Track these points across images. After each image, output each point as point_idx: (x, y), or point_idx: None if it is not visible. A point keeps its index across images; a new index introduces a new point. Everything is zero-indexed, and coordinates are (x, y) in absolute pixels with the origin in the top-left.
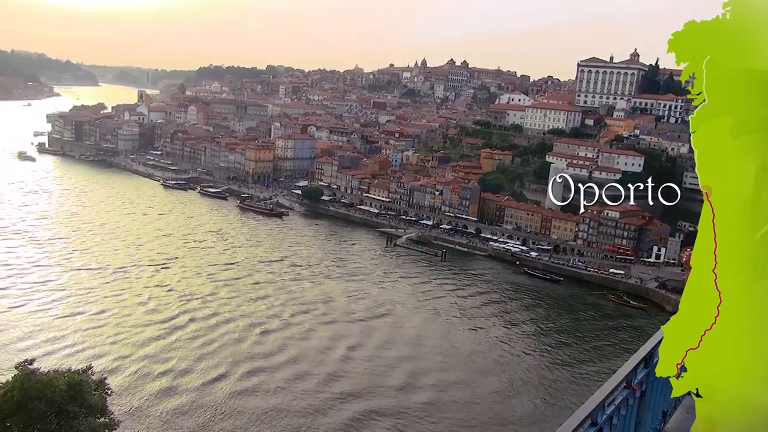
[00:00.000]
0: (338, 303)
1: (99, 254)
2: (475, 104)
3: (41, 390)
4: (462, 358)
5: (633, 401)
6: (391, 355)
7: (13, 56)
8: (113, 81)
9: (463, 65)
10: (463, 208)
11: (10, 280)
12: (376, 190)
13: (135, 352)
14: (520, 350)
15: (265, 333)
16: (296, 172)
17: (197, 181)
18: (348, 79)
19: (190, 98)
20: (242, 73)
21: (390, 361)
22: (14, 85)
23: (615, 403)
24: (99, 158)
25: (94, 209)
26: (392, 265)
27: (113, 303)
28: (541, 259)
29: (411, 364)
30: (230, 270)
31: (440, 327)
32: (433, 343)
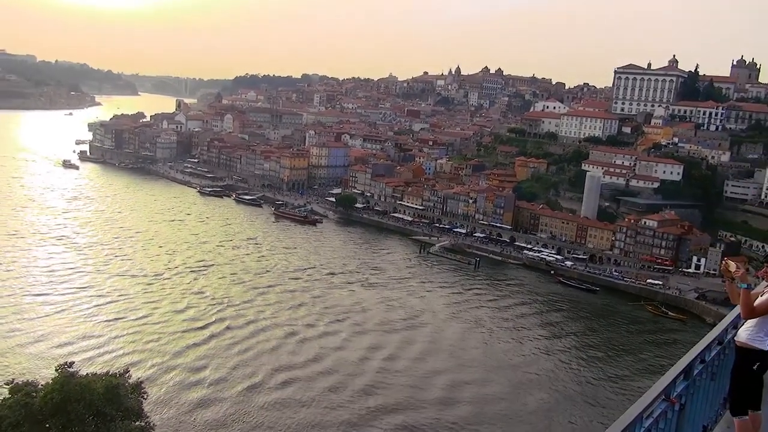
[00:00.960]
0: (372, 311)
1: (137, 260)
2: (509, 112)
3: (80, 392)
4: (496, 369)
5: (672, 414)
6: (426, 366)
7: (56, 67)
8: (152, 90)
9: (498, 72)
10: (497, 216)
11: (52, 285)
12: (410, 198)
13: (171, 357)
14: (555, 361)
15: (299, 341)
16: (330, 179)
17: (233, 188)
18: (382, 87)
19: (227, 107)
20: (278, 81)
21: (424, 372)
22: (58, 94)
23: (653, 416)
24: (138, 166)
25: (133, 216)
26: (425, 274)
27: (150, 309)
28: (576, 269)
29: (445, 375)
30: (265, 277)
31: (474, 337)
32: (466, 354)
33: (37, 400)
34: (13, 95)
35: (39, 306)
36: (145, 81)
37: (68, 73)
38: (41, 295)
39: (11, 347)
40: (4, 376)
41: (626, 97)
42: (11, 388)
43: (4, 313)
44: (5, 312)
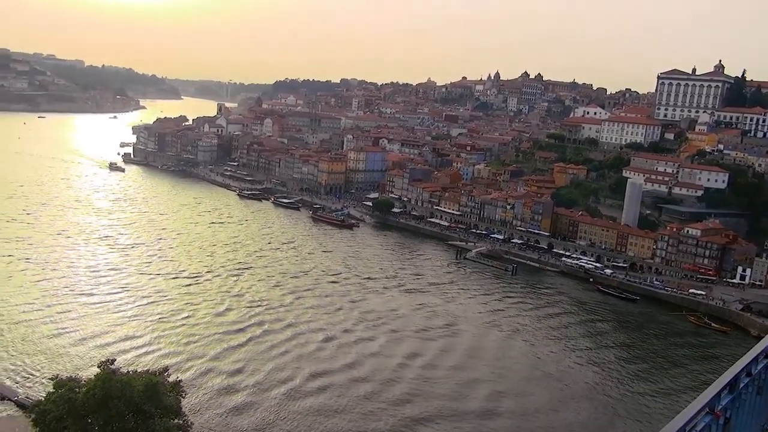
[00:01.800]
0: (408, 317)
1: (178, 262)
2: (549, 117)
3: (121, 389)
4: (535, 379)
5: (716, 429)
6: (463, 375)
7: (103, 71)
8: (194, 94)
9: (537, 78)
10: (535, 222)
11: (95, 285)
12: (447, 203)
13: (209, 359)
14: (594, 372)
15: (336, 346)
16: (367, 183)
17: (271, 191)
18: (420, 92)
19: (267, 111)
20: (317, 86)
21: (461, 380)
22: (104, 98)
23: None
24: (179, 168)
25: (174, 217)
26: (462, 280)
27: (190, 310)
28: (616, 277)
29: (484, 385)
30: (302, 280)
31: (511, 345)
32: (504, 363)
33: (79, 396)
34: (62, 99)
35: (82, 305)
36: (188, 85)
37: (114, 78)
38: (85, 294)
39: (56, 344)
40: (49, 371)
41: (669, 103)
42: (55, 384)
43: (49, 311)
44: (50, 310)
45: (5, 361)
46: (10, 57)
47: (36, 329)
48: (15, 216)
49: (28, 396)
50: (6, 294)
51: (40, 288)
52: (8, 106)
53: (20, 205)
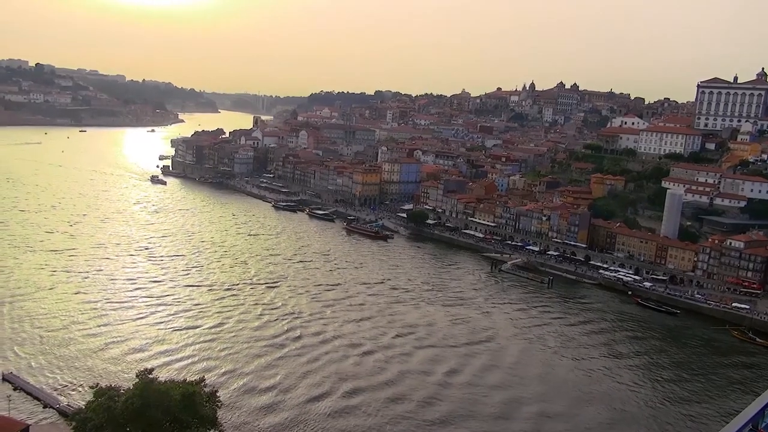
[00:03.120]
0: (440, 327)
1: (213, 272)
2: (585, 128)
3: (158, 399)
4: (570, 393)
5: None
6: (504, 394)
7: (144, 86)
8: (231, 107)
9: (573, 88)
10: (572, 234)
11: (133, 295)
12: (482, 215)
13: (243, 366)
14: (632, 386)
15: (370, 359)
16: (402, 195)
17: (306, 203)
18: (455, 103)
19: (302, 123)
20: (351, 98)
21: (490, 390)
22: (144, 112)
23: None
24: (216, 180)
25: (210, 229)
26: (496, 291)
27: (225, 319)
28: (655, 290)
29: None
30: (335, 290)
31: (545, 357)
32: (551, 377)
33: (119, 405)
34: (104, 113)
35: (121, 315)
36: (225, 99)
37: (154, 92)
38: (123, 305)
39: (95, 353)
40: (89, 380)
41: (710, 113)
42: (95, 392)
43: (88, 321)
44: (90, 320)
45: (48, 369)
46: (54, 73)
47: (76, 339)
48: (57, 227)
49: (70, 404)
50: (48, 304)
51: (80, 298)
52: (53, 120)
53: (63, 216)
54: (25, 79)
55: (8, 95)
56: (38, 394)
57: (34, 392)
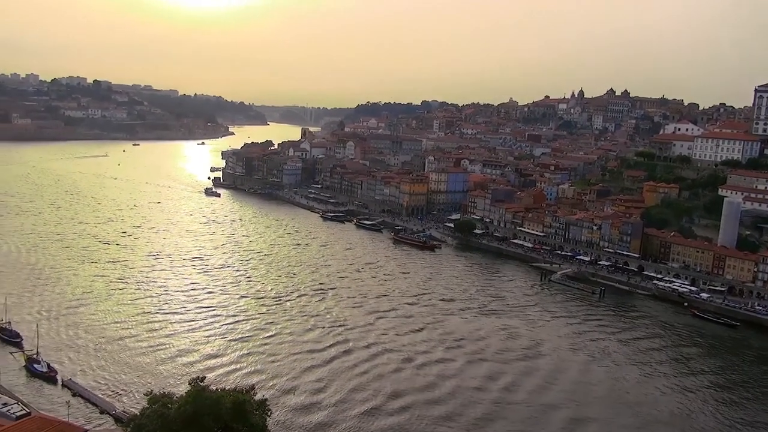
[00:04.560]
0: (490, 340)
1: (262, 281)
2: (637, 135)
3: (210, 407)
4: (622, 405)
5: None
6: (544, 399)
7: (195, 100)
8: (280, 120)
9: (624, 94)
10: (624, 243)
11: (185, 303)
12: (530, 224)
13: (291, 376)
14: (690, 402)
15: (416, 367)
16: (449, 205)
17: (354, 213)
18: (502, 112)
19: (349, 134)
20: (398, 108)
21: (539, 404)
22: (195, 125)
23: None
24: (266, 192)
25: (260, 239)
26: (546, 303)
27: (273, 328)
28: (713, 301)
29: (565, 410)
30: (383, 301)
31: (598, 370)
32: (589, 388)
33: (172, 412)
34: (157, 127)
35: (173, 324)
36: (273, 111)
37: (205, 106)
38: (175, 313)
39: (149, 360)
40: (144, 387)
41: None
42: (150, 399)
43: (143, 330)
44: (144, 328)
45: (105, 376)
46: (111, 89)
47: (131, 346)
48: (113, 238)
49: (125, 410)
50: (104, 313)
51: (134, 307)
52: (110, 134)
53: (118, 227)
54: (84, 96)
55: (68, 111)
56: (95, 400)
57: (91, 398)
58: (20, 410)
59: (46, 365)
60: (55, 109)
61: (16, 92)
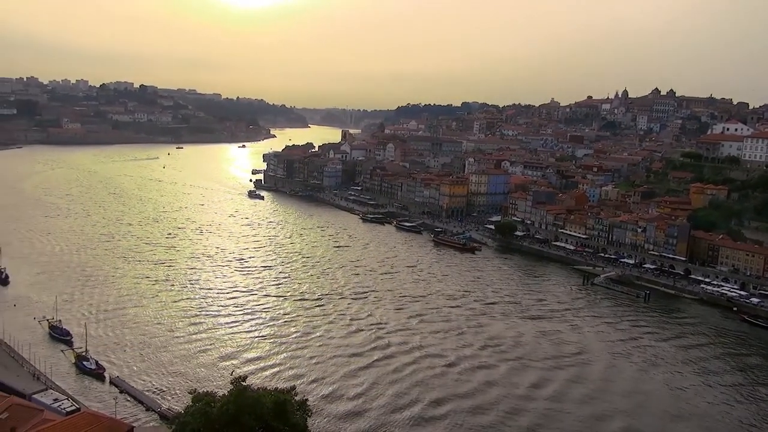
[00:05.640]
0: (528, 341)
1: (303, 283)
2: (683, 135)
3: (252, 406)
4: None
5: None
6: (590, 409)
7: (238, 103)
8: (320, 122)
9: (670, 94)
10: (670, 246)
11: (227, 304)
12: (573, 226)
13: (331, 375)
14: (747, 411)
15: (456, 370)
16: (489, 207)
17: (393, 215)
18: (544, 113)
19: (389, 136)
20: (438, 110)
21: (589, 414)
22: (238, 128)
23: None
24: (306, 194)
25: (300, 241)
26: (589, 306)
27: (313, 328)
28: (764, 306)
29: (615, 420)
30: (423, 303)
31: (643, 376)
32: (641, 397)
33: (214, 410)
34: (201, 130)
35: (215, 324)
36: (314, 114)
37: (248, 109)
38: (218, 314)
39: (192, 358)
40: (187, 384)
41: None
42: (193, 397)
43: (186, 328)
44: (187, 327)
45: (150, 374)
46: (157, 93)
47: (175, 345)
48: (158, 240)
49: (170, 408)
50: (150, 312)
51: (178, 307)
52: (155, 138)
53: (162, 229)
54: (131, 100)
55: (115, 115)
56: (141, 397)
57: (137, 395)
58: (70, 406)
59: (94, 363)
60: (103, 113)
61: (66, 98)
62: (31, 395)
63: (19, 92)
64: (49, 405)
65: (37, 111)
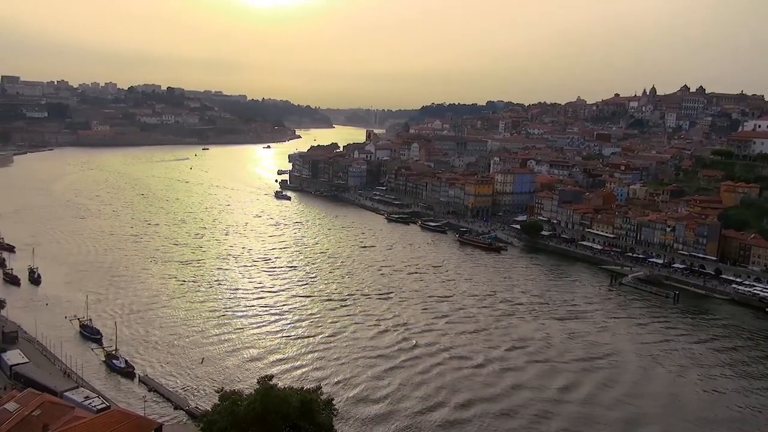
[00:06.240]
0: (555, 342)
1: (328, 283)
2: (713, 133)
3: (278, 405)
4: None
5: None
6: (623, 414)
7: (263, 105)
8: (345, 122)
9: (699, 91)
10: (700, 246)
11: (253, 304)
12: (600, 226)
13: (356, 375)
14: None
15: (483, 372)
16: (515, 206)
17: (418, 215)
18: (570, 111)
19: (413, 136)
20: (463, 110)
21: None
22: (263, 129)
23: None
24: (331, 194)
25: (325, 240)
26: (616, 306)
27: (338, 328)
28: None
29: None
30: (447, 302)
31: (669, 375)
32: (670, 400)
33: (241, 409)
34: (227, 132)
35: (241, 322)
36: (338, 114)
37: (273, 110)
38: (244, 314)
39: (218, 358)
40: (214, 383)
41: None
42: (221, 396)
43: (213, 327)
44: (214, 326)
45: (178, 372)
46: (184, 95)
47: (202, 344)
48: (185, 240)
49: (198, 406)
50: (177, 312)
51: (205, 307)
52: (182, 139)
53: (189, 229)
54: (159, 102)
55: (143, 117)
56: (169, 395)
57: (165, 394)
58: (101, 403)
59: (124, 361)
60: (131, 115)
61: (96, 100)
62: (63, 393)
63: (50, 95)
64: (80, 402)
65: (68, 114)
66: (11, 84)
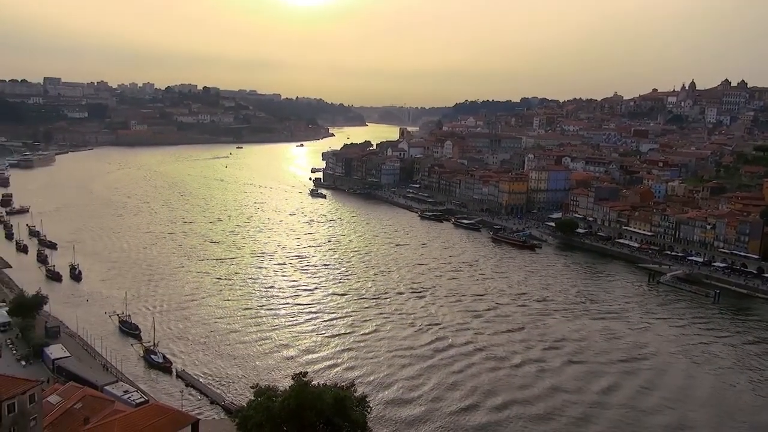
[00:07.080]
0: (592, 342)
1: (362, 280)
2: (755, 128)
3: (312, 401)
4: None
5: None
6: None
7: (297, 103)
8: (378, 120)
9: (741, 85)
10: (741, 244)
11: (288, 302)
12: (637, 223)
13: (390, 373)
14: None
15: (519, 372)
16: (550, 203)
17: (452, 212)
18: (606, 107)
19: (447, 133)
20: (497, 106)
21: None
22: (297, 128)
23: None
24: (364, 191)
25: (358, 238)
26: (654, 305)
27: (372, 326)
28: None
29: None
30: (482, 301)
31: (713, 378)
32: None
33: (276, 404)
34: (261, 130)
35: (277, 321)
36: (372, 112)
37: (306, 109)
38: (279, 311)
39: (253, 354)
40: (249, 379)
41: None
42: (256, 392)
43: (248, 324)
44: (249, 323)
45: (213, 368)
46: (219, 95)
47: (237, 340)
48: (220, 237)
49: (233, 402)
50: (213, 308)
51: (240, 304)
52: (217, 138)
53: (225, 227)
54: (195, 102)
55: (180, 117)
56: (206, 390)
57: (202, 389)
58: (139, 398)
59: (162, 356)
60: (168, 115)
61: (134, 101)
62: (103, 386)
63: (89, 96)
64: (119, 396)
65: (107, 114)
66: (53, 85)
